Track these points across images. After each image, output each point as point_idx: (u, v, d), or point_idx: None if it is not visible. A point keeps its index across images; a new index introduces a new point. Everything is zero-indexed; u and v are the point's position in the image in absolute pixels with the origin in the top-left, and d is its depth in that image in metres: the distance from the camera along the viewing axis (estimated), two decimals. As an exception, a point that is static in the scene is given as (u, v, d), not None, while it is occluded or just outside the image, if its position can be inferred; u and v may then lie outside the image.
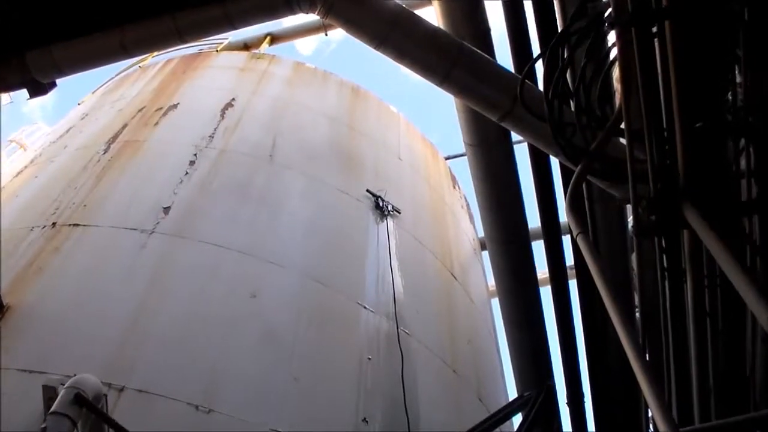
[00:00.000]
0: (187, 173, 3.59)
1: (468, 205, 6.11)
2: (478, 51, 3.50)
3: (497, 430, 2.98)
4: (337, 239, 3.64)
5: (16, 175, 3.91)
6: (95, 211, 3.26)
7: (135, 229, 3.14)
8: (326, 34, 6.47)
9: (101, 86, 5.43)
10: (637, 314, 2.70)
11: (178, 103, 4.30)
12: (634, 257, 3.83)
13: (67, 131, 4.38)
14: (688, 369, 2.29)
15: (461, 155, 6.83)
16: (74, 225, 3.13)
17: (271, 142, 4.10)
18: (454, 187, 5.70)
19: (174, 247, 3.11)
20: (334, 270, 3.41)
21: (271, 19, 3.88)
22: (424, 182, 4.99)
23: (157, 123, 4.09)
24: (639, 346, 1.73)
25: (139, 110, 4.29)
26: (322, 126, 4.56)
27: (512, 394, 4.43)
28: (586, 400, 4.57)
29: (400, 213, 4.26)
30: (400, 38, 3.36)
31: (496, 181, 4.73)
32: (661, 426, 1.54)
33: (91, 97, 5.18)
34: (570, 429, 4.55)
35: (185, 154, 3.76)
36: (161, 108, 4.25)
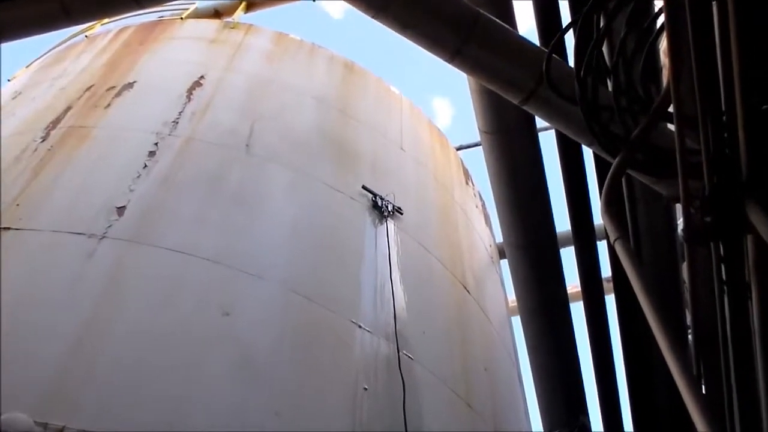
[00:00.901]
0: (145, 166, 3.56)
1: (483, 204, 6.12)
2: (497, 20, 3.48)
3: (520, 476, 2.96)
4: (327, 245, 3.67)
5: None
6: (31, 211, 3.17)
7: (81, 234, 3.07)
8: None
9: (38, 59, 5.22)
10: (690, 337, 2.74)
11: (134, 82, 4.23)
12: (685, 267, 3.77)
13: (-7, 114, 4.36)
14: (755, 405, 2.21)
15: (476, 145, 7.00)
16: (4, 229, 3.03)
17: (248, 129, 4.09)
18: (467, 183, 5.89)
19: (129, 254, 3.05)
20: (324, 282, 3.44)
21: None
22: (431, 177, 5.06)
23: (108, 105, 4.02)
24: (693, 376, 1.71)
25: (87, 89, 4.19)
26: (309, 109, 4.57)
27: None
28: (627, 440, 4.60)
29: (402, 214, 4.30)
30: (403, 5, 3.33)
31: (517, 175, 4.76)
32: (720, 474, 1.52)
33: (25, 72, 4.99)
34: (608, 475, 4.73)
35: (144, 143, 3.72)
36: (114, 87, 4.18)
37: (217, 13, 6.74)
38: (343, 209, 3.99)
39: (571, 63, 2.67)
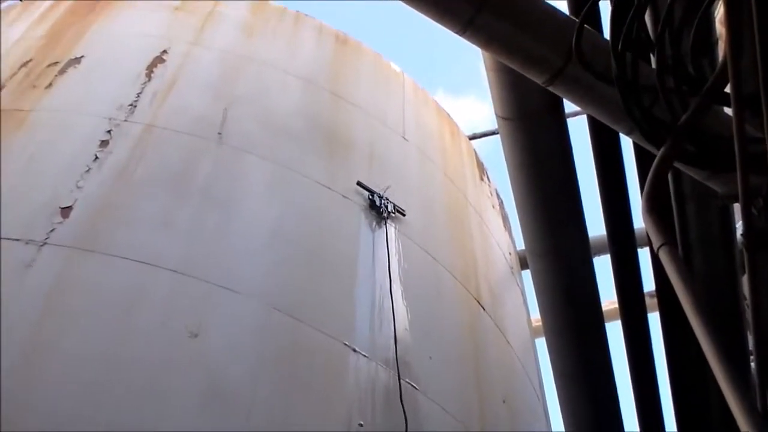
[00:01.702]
0: (96, 158, 3.52)
1: (502, 203, 6.15)
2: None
3: None
4: (314, 253, 3.68)
5: None
6: (-47, 213, 3.10)
7: (18, 240, 2.99)
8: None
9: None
10: (753, 364, 2.67)
11: (82, 56, 4.16)
12: (745, 279, 3.76)
13: None
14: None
15: (492, 133, 7.02)
16: None
17: (221, 115, 4.11)
18: (483, 179, 5.92)
19: (76, 264, 3.00)
20: (311, 297, 3.45)
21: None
22: (439, 172, 5.09)
23: (50, 85, 3.93)
24: (757, 411, 1.67)
25: (23, 65, 4.08)
26: (293, 91, 4.59)
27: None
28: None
29: (404, 215, 4.33)
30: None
31: (541, 170, 4.74)
32: None
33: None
34: None
35: (94, 131, 3.67)
36: (57, 63, 4.09)
37: (183, -24, 6.79)
38: (333, 210, 4.02)
39: (607, 35, 2.64)
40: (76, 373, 2.62)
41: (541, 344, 5.57)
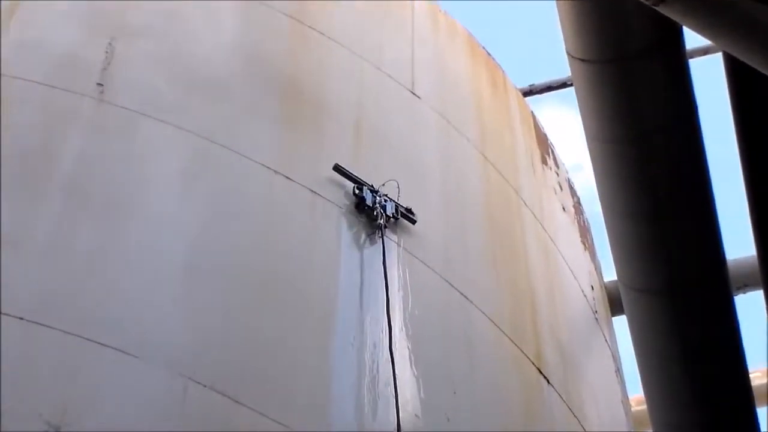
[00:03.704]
0: None
1: (579, 202, 6.16)
2: None
3: None
4: (261, 287, 3.76)
5: None
6: None
7: None
8: None
9: None
10: None
11: None
12: None
13: None
14: None
15: (563, 85, 6.98)
16: None
17: (102, 54, 4.14)
18: (547, 163, 5.92)
19: None
20: (254, 362, 3.50)
21: None
22: (473, 150, 5.14)
23: None
24: None
25: None
26: (226, 16, 4.65)
27: None
28: None
29: (414, 222, 4.37)
30: None
31: (646, 143, 5.03)
32: None
33: None
34: None
35: None
36: None
37: None
38: (295, 213, 4.07)
39: None
40: None
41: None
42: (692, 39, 5.20)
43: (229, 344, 3.50)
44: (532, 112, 6.14)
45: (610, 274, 6.02)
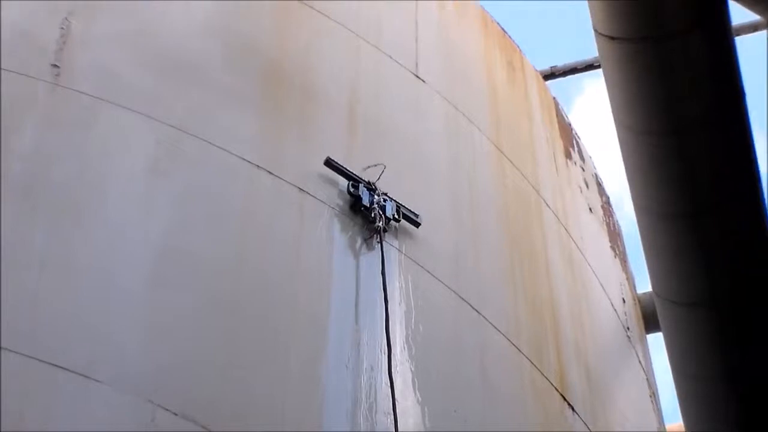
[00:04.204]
0: None
1: (608, 202, 6.15)
2: None
3: None
4: (239, 301, 3.75)
5: None
6: None
7: None
8: None
9: None
10: None
11: None
12: None
13: None
14: None
15: (589, 67, 6.94)
16: None
17: (56, 33, 4.14)
18: (570, 157, 5.91)
19: None
20: (232, 386, 3.49)
21: None
22: (486, 142, 5.18)
23: None
24: None
25: None
26: None
27: None
28: None
29: (418, 226, 4.38)
30: None
31: (686, 134, 5.04)
32: None
33: None
34: None
35: None
36: None
37: None
38: (278, 214, 4.07)
39: None
40: None
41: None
42: (739, 14, 5.16)
43: (203, 366, 3.49)
44: (554, 97, 6.13)
45: (644, 285, 6.01)
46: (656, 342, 6.03)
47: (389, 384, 3.71)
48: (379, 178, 4.33)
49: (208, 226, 3.87)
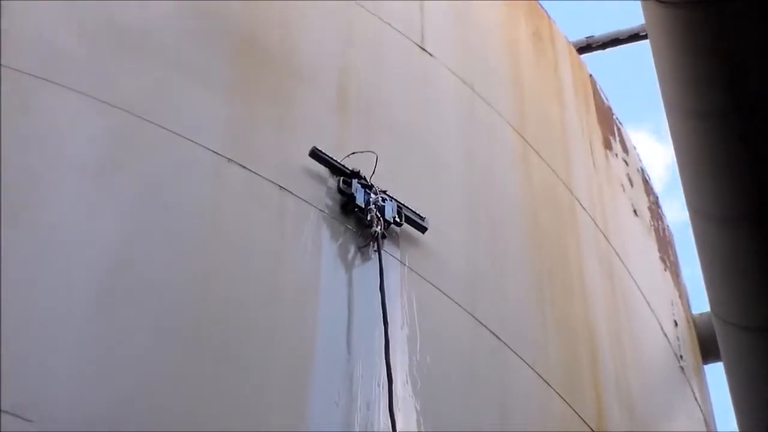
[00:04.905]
0: None
1: (657, 202, 6.22)
2: None
3: None
4: (213, 326, 3.77)
5: None
6: None
7: None
8: None
9: None
10: None
11: None
12: None
13: None
14: None
15: (633, 38, 6.95)
16: None
17: None
18: (611, 148, 5.95)
19: None
20: (201, 422, 3.50)
21: None
22: (506, 129, 5.14)
23: None
24: None
25: None
26: None
27: None
28: None
29: (424, 231, 4.41)
30: None
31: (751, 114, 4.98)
32: None
33: None
34: None
35: None
36: None
37: None
38: (256, 217, 4.10)
39: None
40: None
41: None
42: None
43: (160, 410, 3.47)
44: (591, 75, 6.14)
45: (701, 305, 6.00)
46: (715, 373, 5.99)
47: (390, 424, 3.69)
48: (374, 172, 4.27)
49: (168, 233, 3.88)
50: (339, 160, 4.25)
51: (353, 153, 4.32)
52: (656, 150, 20.39)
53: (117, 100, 4.05)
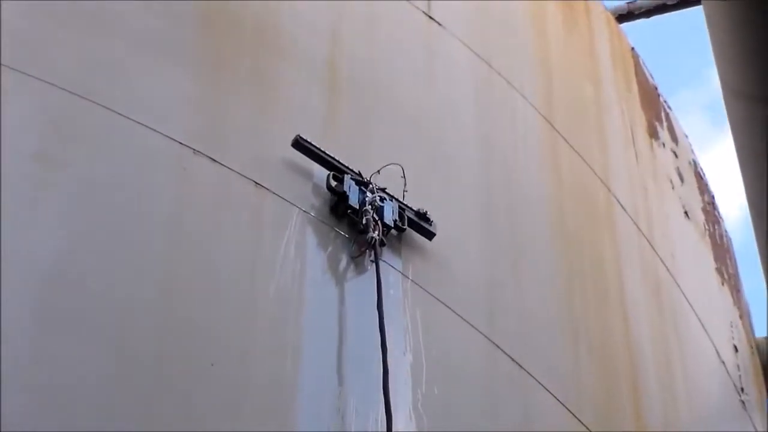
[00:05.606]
0: None
1: (713, 202, 6.25)
2: None
3: None
4: (177, 349, 3.84)
5: None
6: None
7: None
8: None
9: None
10: None
11: None
12: None
13: None
14: None
15: (682, 3, 7.02)
16: None
17: None
18: (657, 136, 5.99)
19: None
20: None
21: None
22: (528, 112, 5.21)
23: None
24: None
25: None
26: None
27: None
28: None
29: (431, 237, 4.45)
30: None
31: None
32: None
33: None
34: None
35: None
36: None
37: None
38: (228, 218, 4.18)
39: None
40: None
41: None
42: None
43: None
44: (633, 48, 6.11)
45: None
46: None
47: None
48: (405, 189, 4.31)
49: (120, 241, 3.91)
50: (327, 151, 4.19)
51: (381, 168, 4.34)
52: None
53: (63, 81, 4.08)
